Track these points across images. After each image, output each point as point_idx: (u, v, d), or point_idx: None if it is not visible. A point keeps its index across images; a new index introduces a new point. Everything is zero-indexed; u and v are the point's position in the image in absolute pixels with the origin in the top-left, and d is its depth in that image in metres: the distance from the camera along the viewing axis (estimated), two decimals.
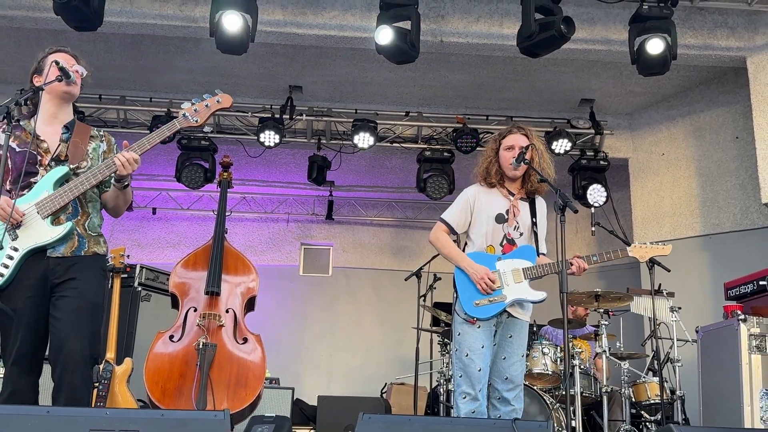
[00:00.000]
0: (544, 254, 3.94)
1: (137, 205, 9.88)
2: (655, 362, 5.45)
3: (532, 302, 3.86)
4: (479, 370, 3.70)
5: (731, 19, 6.69)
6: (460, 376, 3.74)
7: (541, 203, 4.01)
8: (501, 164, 3.94)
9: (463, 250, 3.98)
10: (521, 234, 3.90)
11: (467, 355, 3.73)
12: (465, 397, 3.70)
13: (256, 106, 8.15)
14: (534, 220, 3.91)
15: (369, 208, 10.43)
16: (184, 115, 3.29)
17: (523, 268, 3.81)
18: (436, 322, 7.22)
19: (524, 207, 3.94)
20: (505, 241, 3.87)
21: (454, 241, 4.08)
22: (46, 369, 3.14)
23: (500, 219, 3.88)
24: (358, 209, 10.41)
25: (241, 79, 7.81)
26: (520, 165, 3.84)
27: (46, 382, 3.15)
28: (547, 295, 3.81)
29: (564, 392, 5.50)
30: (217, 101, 3.35)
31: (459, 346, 3.79)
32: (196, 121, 3.29)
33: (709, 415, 5.15)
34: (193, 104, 3.31)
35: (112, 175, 3.25)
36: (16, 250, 3.07)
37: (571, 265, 3.79)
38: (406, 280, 6.88)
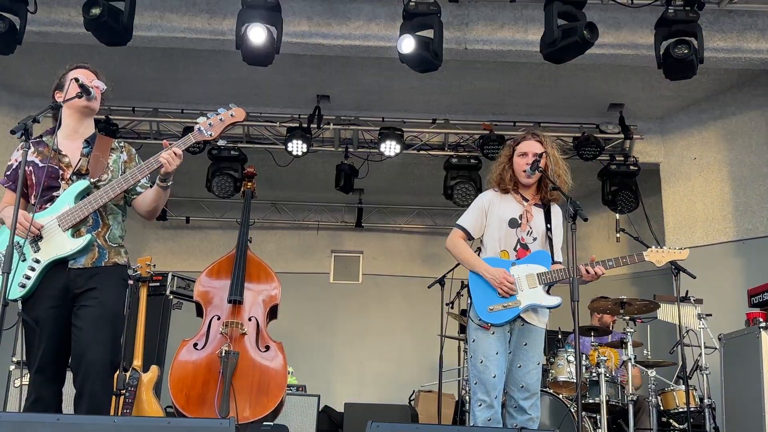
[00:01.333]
0: (559, 262, 3.93)
1: (171, 214, 10.07)
2: (684, 370, 5.37)
3: (547, 308, 3.83)
4: (494, 377, 3.69)
5: (761, 20, 6.57)
6: (475, 383, 3.74)
7: (556, 210, 4.00)
8: (515, 171, 3.95)
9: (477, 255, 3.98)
10: (535, 239, 3.89)
11: (482, 362, 3.72)
12: (480, 405, 3.69)
13: (284, 115, 8.25)
14: (549, 226, 3.90)
15: (398, 215, 10.47)
16: (198, 129, 3.37)
17: (537, 273, 3.80)
18: (463, 329, 7.21)
19: (538, 213, 3.93)
20: (518, 246, 3.87)
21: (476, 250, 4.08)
22: (70, 376, 3.23)
23: (513, 224, 3.88)
24: (387, 216, 10.45)
25: (269, 89, 7.92)
26: (534, 173, 3.84)
27: (69, 389, 3.24)
28: (562, 300, 3.79)
29: (590, 401, 5.45)
30: (231, 115, 3.41)
31: (474, 353, 3.79)
32: (210, 135, 3.36)
33: (732, 424, 5.06)
34: (207, 118, 3.39)
35: (144, 181, 3.34)
36: (38, 261, 3.18)
37: (587, 272, 3.77)
38: (429, 287, 6.90)
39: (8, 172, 3.42)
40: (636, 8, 6.29)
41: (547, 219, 3.93)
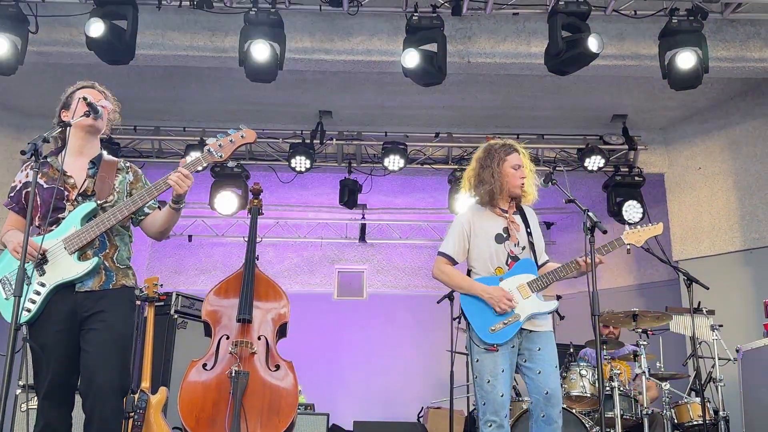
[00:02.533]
0: (549, 261, 3.92)
1: (173, 233, 10.00)
2: (697, 382, 5.30)
3: (547, 313, 3.78)
4: (502, 396, 3.61)
5: (764, 29, 6.56)
6: (484, 404, 3.64)
7: (530, 212, 3.96)
8: (504, 182, 3.84)
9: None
10: (523, 248, 3.83)
11: (489, 382, 3.63)
12: (491, 425, 3.60)
13: (286, 132, 8.23)
14: (528, 230, 3.85)
15: (402, 230, 10.42)
16: (209, 150, 3.31)
17: (527, 283, 3.75)
18: None
19: (520, 221, 3.90)
20: (510, 260, 3.80)
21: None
22: (79, 401, 3.17)
23: (500, 239, 3.81)
24: (390, 231, 10.40)
25: (271, 105, 7.90)
26: (547, 186, 3.80)
27: (79, 414, 3.17)
28: (558, 303, 3.76)
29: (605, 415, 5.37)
30: (242, 136, 3.36)
31: (479, 374, 3.69)
32: (221, 156, 3.30)
33: None
34: (217, 139, 3.33)
35: (152, 202, 3.29)
36: (43, 285, 3.12)
37: (579, 265, 3.75)
38: (438, 302, 6.83)
39: (12, 194, 3.35)
40: (639, 19, 6.28)
41: (525, 223, 3.88)
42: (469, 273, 3.92)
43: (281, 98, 7.69)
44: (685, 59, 5.86)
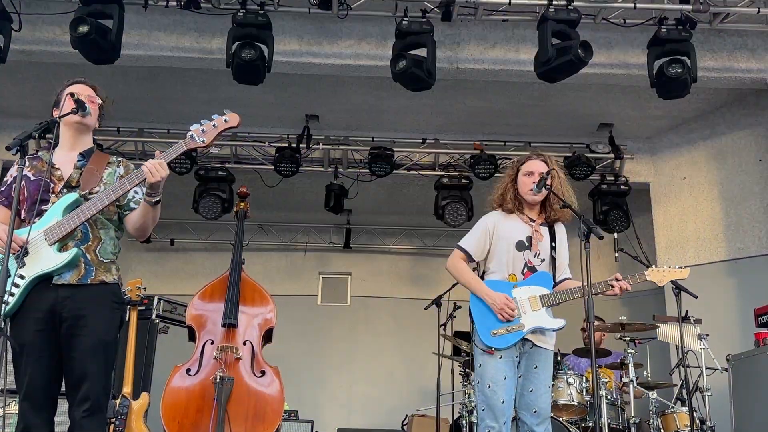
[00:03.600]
0: (569, 278, 3.86)
1: (155, 236, 9.88)
2: (684, 391, 5.29)
3: (551, 330, 3.76)
4: (503, 402, 3.60)
5: (751, 40, 6.62)
6: (483, 410, 3.64)
7: (560, 229, 3.93)
8: (519, 190, 3.88)
9: (482, 278, 3.89)
10: (542, 260, 3.83)
11: (489, 387, 3.63)
12: (489, 431, 3.60)
13: (273, 135, 8.16)
14: (553, 245, 3.83)
15: (387, 236, 10.37)
16: (191, 136, 3.22)
17: (540, 296, 3.73)
18: (456, 351, 7.09)
19: (545, 233, 3.86)
20: (526, 269, 3.80)
21: (474, 269, 4.00)
22: (63, 405, 3.09)
23: (521, 246, 3.80)
24: (376, 237, 10.35)
25: (257, 109, 7.82)
26: (541, 190, 3.77)
27: (61, 418, 3.10)
28: (566, 323, 3.72)
29: (590, 424, 5.36)
30: (225, 120, 3.27)
31: (481, 378, 3.70)
32: (203, 141, 3.21)
33: None
34: (201, 125, 3.26)
35: (134, 194, 3.21)
36: (22, 277, 3.04)
37: (612, 287, 3.73)
38: (426, 309, 6.79)
39: (2, 188, 3.30)
40: (628, 28, 6.30)
41: (552, 238, 3.86)
42: (483, 274, 3.92)
43: (268, 101, 7.62)
44: (674, 68, 5.88)
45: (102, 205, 3.11)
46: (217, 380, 4.11)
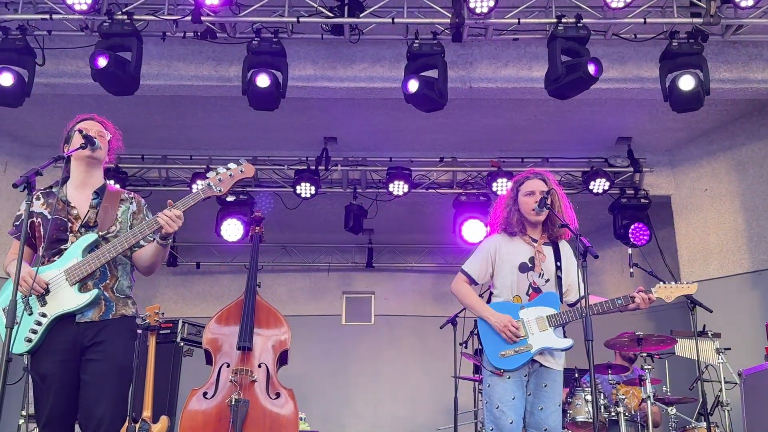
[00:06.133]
0: (582, 298, 3.81)
1: (181, 260, 10.06)
2: (704, 406, 5.23)
3: (560, 350, 3.77)
4: (511, 423, 3.61)
5: (766, 51, 6.57)
6: (492, 430, 3.65)
7: (565, 247, 3.94)
8: (522, 210, 3.90)
9: (489, 300, 3.92)
10: (547, 281, 3.83)
11: (498, 408, 3.65)
12: None
13: (292, 158, 8.29)
14: (558, 264, 3.84)
15: (408, 254, 10.42)
16: (208, 184, 3.35)
17: (547, 316, 3.74)
18: (477, 369, 7.09)
19: (549, 252, 3.88)
20: (531, 290, 3.81)
21: (481, 294, 4.02)
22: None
23: (524, 268, 3.82)
24: (397, 256, 10.40)
25: (276, 132, 7.96)
26: (542, 210, 3.80)
27: None
28: (574, 342, 3.72)
29: None
30: (241, 171, 3.39)
31: (489, 399, 3.71)
32: (220, 190, 3.35)
33: None
34: (217, 174, 3.38)
35: (149, 235, 3.33)
36: (44, 316, 3.16)
37: (633, 300, 3.72)
38: (441, 327, 6.81)
39: (17, 223, 3.42)
40: (640, 42, 6.30)
41: (557, 257, 3.87)
42: (490, 296, 3.94)
43: (286, 125, 7.75)
44: (686, 82, 5.86)
45: (122, 248, 3.25)
46: (233, 403, 4.19)
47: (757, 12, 5.96)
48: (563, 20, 5.86)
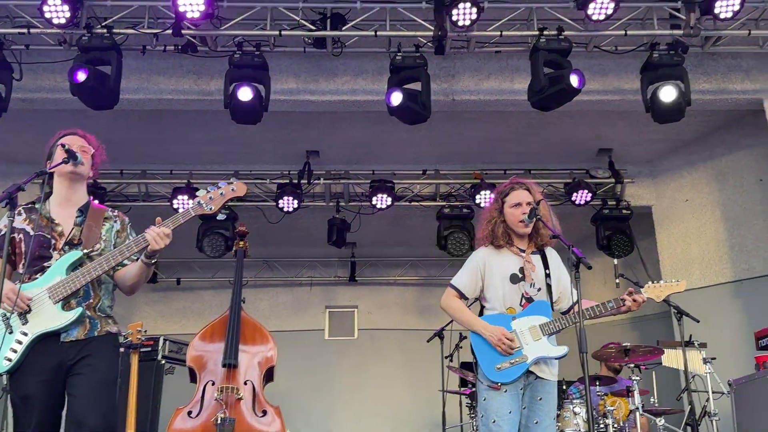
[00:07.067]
0: (575, 303, 3.77)
1: (161, 276, 9.92)
2: (691, 417, 5.23)
3: (555, 358, 3.73)
4: None
5: (744, 62, 6.65)
6: None
7: (552, 254, 3.90)
8: (508, 221, 3.87)
9: (481, 313, 3.88)
10: (539, 290, 3.80)
11: (494, 422, 3.59)
12: None
13: (274, 172, 8.23)
14: (547, 272, 3.82)
15: (392, 267, 10.37)
16: (199, 203, 3.30)
17: (539, 325, 3.71)
18: (464, 383, 7.05)
19: (537, 261, 3.85)
20: (523, 300, 3.77)
21: (470, 305, 3.98)
22: None
23: (515, 279, 3.79)
24: (381, 269, 10.36)
25: (258, 146, 7.91)
26: (532, 221, 3.77)
27: None
28: (569, 349, 3.69)
29: None
30: (232, 189, 3.35)
31: (485, 413, 3.65)
32: (210, 209, 3.31)
33: None
34: (208, 192, 3.33)
35: (134, 254, 3.26)
36: (25, 334, 3.08)
37: (623, 302, 3.71)
38: (428, 341, 6.77)
39: None
40: (621, 54, 6.35)
41: (545, 265, 3.84)
42: (482, 309, 3.90)
43: (268, 138, 7.69)
44: (667, 93, 5.92)
45: (108, 266, 3.18)
46: (219, 422, 4.10)
47: (736, 24, 6.04)
48: (545, 33, 5.89)
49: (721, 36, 6.16)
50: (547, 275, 3.82)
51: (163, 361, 6.69)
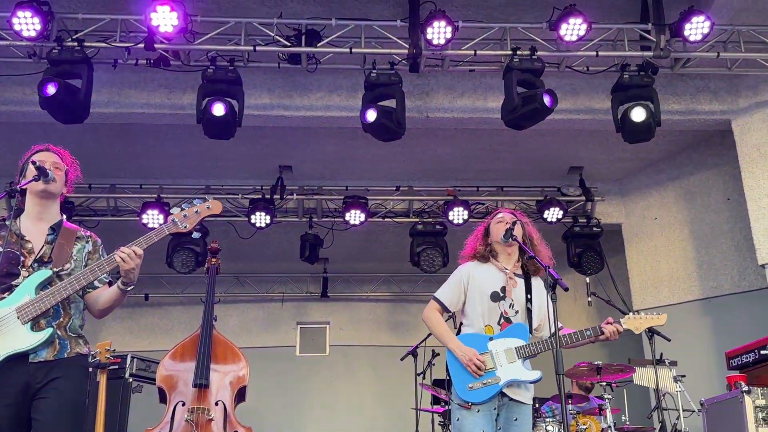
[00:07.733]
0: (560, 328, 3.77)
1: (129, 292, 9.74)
2: None
3: (528, 382, 3.73)
4: None
5: (713, 83, 6.79)
6: None
7: (538, 283, 3.88)
8: (492, 235, 3.93)
9: (459, 330, 3.88)
10: (517, 312, 3.80)
11: None
12: None
13: (246, 187, 8.15)
14: (529, 296, 3.83)
15: (364, 283, 10.33)
16: (173, 220, 3.24)
17: (516, 348, 3.71)
18: (436, 400, 7.02)
19: (520, 282, 3.86)
20: (502, 320, 3.77)
21: (451, 318, 3.98)
22: None
23: (495, 297, 3.79)
24: (353, 285, 10.31)
25: (230, 161, 7.84)
26: (508, 240, 3.80)
27: None
28: (542, 374, 3.69)
29: None
30: (207, 207, 3.29)
31: None
32: (185, 227, 3.24)
33: None
34: (182, 210, 3.26)
35: (103, 276, 3.18)
36: None
37: (602, 332, 3.70)
38: (401, 359, 6.73)
39: None
40: (592, 75, 6.43)
41: (528, 289, 3.85)
42: (461, 326, 3.90)
43: (241, 153, 7.64)
44: (638, 113, 5.99)
45: (79, 285, 3.10)
46: None
47: (705, 46, 6.14)
48: (518, 52, 5.94)
49: (690, 58, 6.27)
50: (528, 300, 3.82)
51: (131, 380, 6.56)
